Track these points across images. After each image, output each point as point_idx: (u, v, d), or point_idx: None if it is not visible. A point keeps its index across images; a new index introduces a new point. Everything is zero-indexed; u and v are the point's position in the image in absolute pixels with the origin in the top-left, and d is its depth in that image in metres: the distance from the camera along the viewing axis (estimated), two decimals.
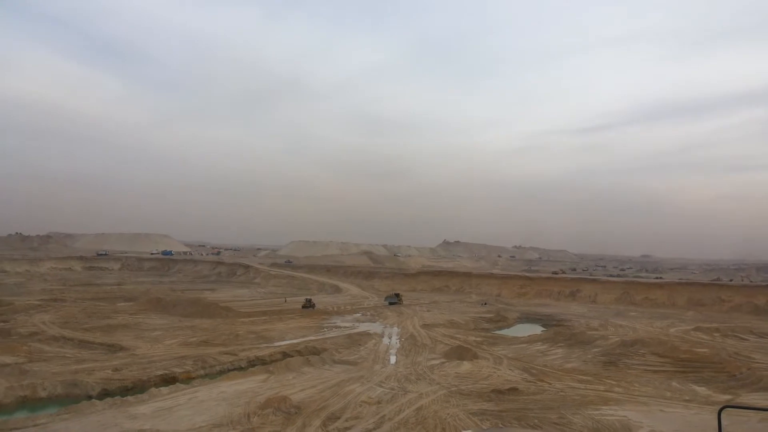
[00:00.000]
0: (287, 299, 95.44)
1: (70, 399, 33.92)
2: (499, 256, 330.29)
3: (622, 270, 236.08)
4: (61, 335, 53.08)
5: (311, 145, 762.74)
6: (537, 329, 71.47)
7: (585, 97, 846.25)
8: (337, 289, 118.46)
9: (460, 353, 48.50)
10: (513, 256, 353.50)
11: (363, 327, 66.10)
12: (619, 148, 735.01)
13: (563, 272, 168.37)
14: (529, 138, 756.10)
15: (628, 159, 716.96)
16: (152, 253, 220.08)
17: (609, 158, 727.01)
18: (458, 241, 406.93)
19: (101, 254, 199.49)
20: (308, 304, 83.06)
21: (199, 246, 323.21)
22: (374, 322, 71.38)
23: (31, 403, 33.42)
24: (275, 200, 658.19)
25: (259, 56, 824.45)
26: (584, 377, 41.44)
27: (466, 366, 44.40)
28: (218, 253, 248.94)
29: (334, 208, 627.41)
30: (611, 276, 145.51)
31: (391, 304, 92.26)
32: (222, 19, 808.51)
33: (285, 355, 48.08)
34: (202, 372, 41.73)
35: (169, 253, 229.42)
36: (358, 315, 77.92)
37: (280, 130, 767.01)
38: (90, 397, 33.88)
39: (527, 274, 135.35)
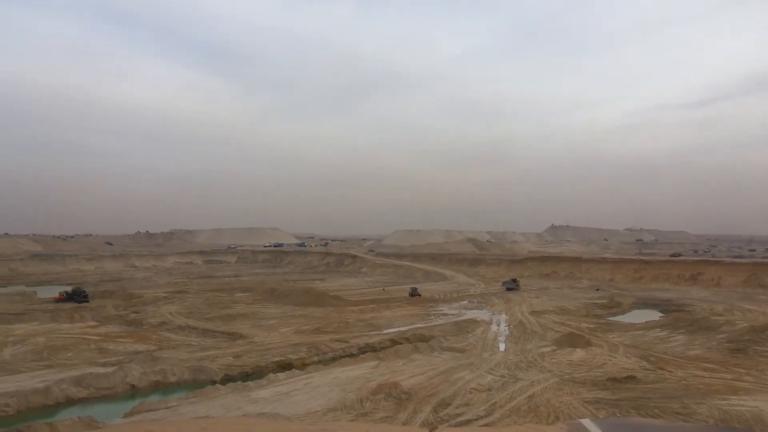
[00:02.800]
0: (385, 288, 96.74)
1: (196, 384, 36.30)
2: (606, 240, 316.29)
3: (751, 250, 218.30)
4: (186, 324, 56.88)
5: (409, 135, 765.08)
6: (655, 315, 68.02)
7: (693, 68, 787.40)
8: (443, 277, 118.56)
9: (572, 340, 47.15)
10: (627, 239, 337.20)
11: (470, 314, 65.79)
12: (736, 121, 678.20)
13: (681, 255, 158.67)
14: (634, 115, 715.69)
15: (747, 131, 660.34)
16: (265, 246, 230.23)
17: (725, 132, 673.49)
18: (567, 225, 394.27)
19: (232, 247, 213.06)
20: (414, 293, 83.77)
21: (308, 237, 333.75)
22: (481, 309, 70.85)
23: (162, 387, 36.10)
24: (378, 191, 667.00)
25: (354, 50, 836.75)
26: (709, 365, 39.02)
27: (579, 353, 43.12)
28: (326, 244, 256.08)
29: (436, 197, 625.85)
30: (737, 257, 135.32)
31: (508, 289, 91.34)
32: (315, 17, 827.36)
33: (394, 342, 48.83)
34: (315, 358, 43.26)
35: (281, 245, 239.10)
36: (465, 302, 77.64)
37: (379, 121, 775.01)
38: (214, 382, 36.09)
39: (643, 258, 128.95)
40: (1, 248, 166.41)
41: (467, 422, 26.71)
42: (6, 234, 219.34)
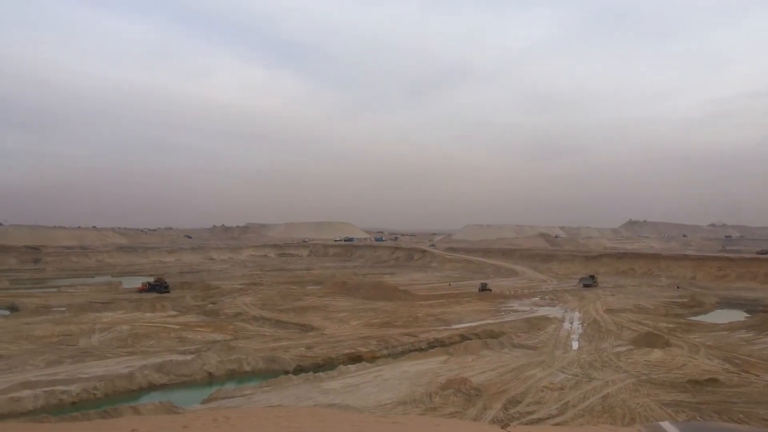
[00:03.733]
0: (451, 283, 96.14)
1: (269, 373, 37.32)
2: (685, 236, 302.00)
3: None
4: (260, 315, 58.53)
5: (480, 128, 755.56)
6: (740, 316, 64.63)
7: None
8: (513, 273, 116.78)
9: (649, 340, 45.44)
10: (711, 236, 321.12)
11: (542, 311, 64.53)
12: None
13: None
14: (719, 104, 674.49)
15: None
16: (336, 240, 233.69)
17: None
18: (645, 221, 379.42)
19: (306, 241, 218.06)
20: (484, 288, 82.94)
21: (378, 232, 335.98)
22: (554, 306, 69.35)
23: (238, 376, 37.32)
24: (448, 185, 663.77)
25: (424, 44, 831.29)
26: None
27: (656, 354, 41.51)
28: (396, 239, 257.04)
29: (506, 191, 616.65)
30: None
31: (586, 286, 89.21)
32: (385, 12, 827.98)
33: (463, 337, 48.56)
34: (385, 352, 43.59)
35: (351, 239, 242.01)
36: (536, 299, 76.21)
37: (450, 115, 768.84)
38: (287, 372, 36.99)
39: (727, 255, 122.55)
40: (90, 241, 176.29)
41: (539, 421, 26.25)
42: (94, 227, 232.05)
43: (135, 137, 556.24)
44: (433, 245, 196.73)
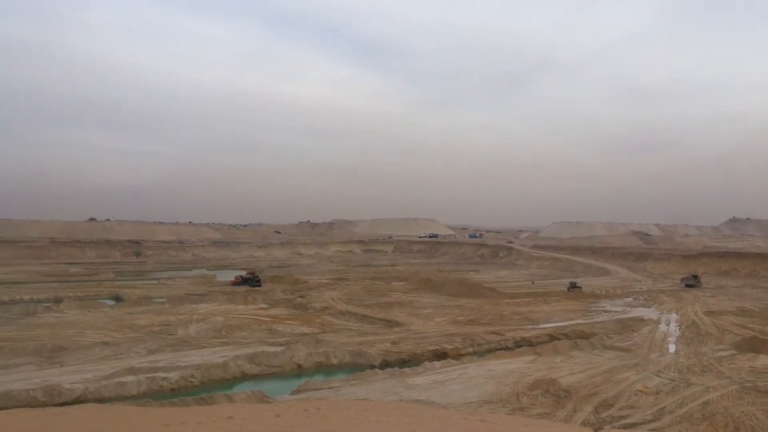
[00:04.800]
0: (535, 281, 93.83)
1: (355, 367, 37.90)
2: None
3: None
4: (346, 310, 59.56)
5: (568, 123, 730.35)
6: None
7: None
8: (605, 272, 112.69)
9: (755, 345, 42.54)
10: None
11: (636, 312, 61.88)
12: None
13: None
14: None
15: None
16: (420, 237, 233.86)
17: None
18: (749, 219, 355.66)
19: (391, 236, 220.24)
20: (573, 287, 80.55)
21: (462, 228, 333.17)
22: (648, 307, 66.30)
23: (325, 368, 38.14)
24: (535, 182, 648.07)
25: (510, 36, 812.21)
26: None
27: (763, 360, 38.84)
28: (480, 236, 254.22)
29: (596, 188, 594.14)
30: None
31: (688, 286, 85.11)
32: (470, 6, 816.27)
33: (551, 337, 47.37)
34: (470, 349, 43.22)
35: (436, 236, 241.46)
36: (629, 299, 73.16)
37: (536, 109, 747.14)
38: (372, 367, 37.42)
39: None
40: (186, 235, 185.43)
41: (632, 426, 25.19)
42: (190, 223, 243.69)
43: (227, 137, 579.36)
44: (510, 242, 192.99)
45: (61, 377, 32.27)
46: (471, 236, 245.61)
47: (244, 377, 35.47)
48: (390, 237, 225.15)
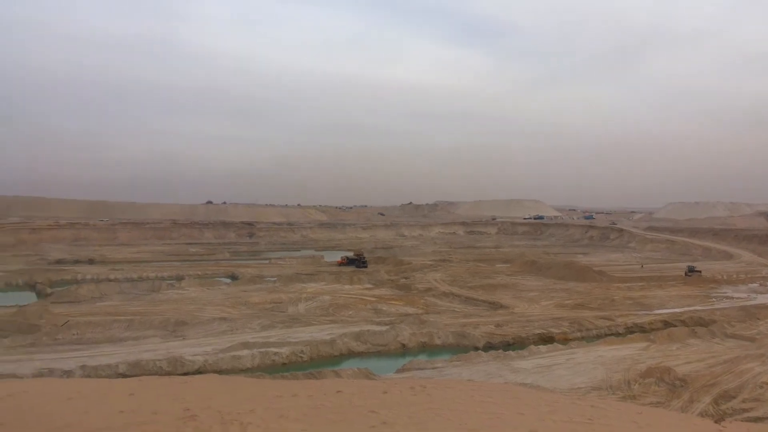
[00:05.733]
0: (643, 265, 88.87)
1: (459, 348, 37.99)
2: None
3: None
4: (450, 292, 59.62)
5: (683, 97, 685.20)
6: None
7: None
8: (727, 255, 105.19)
9: None
10: None
11: (762, 299, 57.53)
12: None
13: None
14: None
15: None
16: (525, 218, 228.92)
17: None
18: None
19: (495, 218, 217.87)
20: (692, 271, 75.92)
21: (570, 210, 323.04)
22: None
23: (428, 349, 38.53)
24: (648, 160, 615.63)
25: (623, 8, 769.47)
26: None
27: None
28: (591, 217, 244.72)
29: (716, 165, 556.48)
30: None
31: None
32: None
33: (666, 324, 45.09)
34: (578, 334, 42.05)
35: (541, 217, 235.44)
36: (755, 285, 68.02)
37: (648, 84, 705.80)
38: (476, 349, 37.36)
39: None
40: (295, 217, 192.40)
41: (758, 420, 23.58)
42: (298, 205, 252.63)
43: (332, 121, 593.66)
44: (614, 223, 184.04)
45: (183, 349, 34.76)
46: (587, 217, 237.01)
47: (351, 354, 36.57)
48: (493, 218, 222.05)
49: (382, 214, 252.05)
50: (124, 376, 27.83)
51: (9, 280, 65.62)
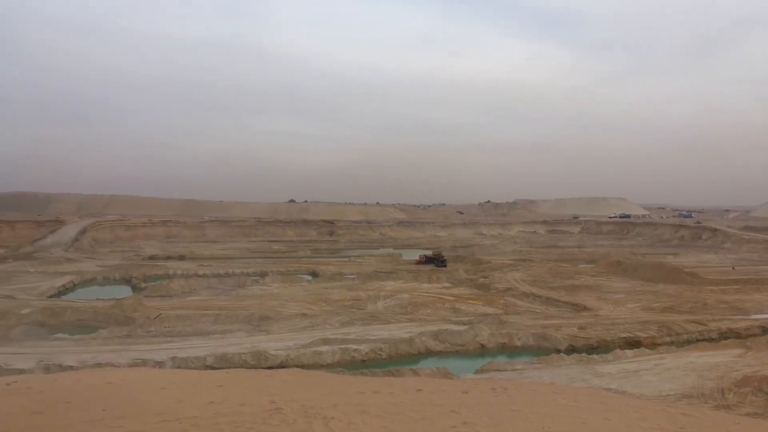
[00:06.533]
0: (735, 267, 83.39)
1: (540, 350, 37.18)
2: None
3: None
4: (530, 292, 58.49)
5: None
6: None
7: None
8: None
9: None
10: None
11: None
12: None
13: None
14: None
15: None
16: (610, 217, 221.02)
17: None
18: None
19: (577, 217, 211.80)
20: None
21: (659, 208, 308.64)
22: None
23: (508, 350, 37.95)
24: (746, 154, 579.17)
25: None
26: None
27: None
28: (690, 216, 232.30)
29: None
30: None
31: None
32: None
33: (765, 330, 42.43)
34: (667, 339, 40.23)
35: (628, 216, 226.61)
36: None
37: (744, 71, 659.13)
38: (558, 351, 36.43)
39: None
40: (374, 216, 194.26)
41: None
42: (377, 203, 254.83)
43: (409, 119, 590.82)
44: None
45: (267, 344, 35.86)
46: (685, 216, 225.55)
47: (428, 353, 36.57)
48: (576, 217, 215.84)
49: (461, 213, 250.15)
50: (211, 368, 29.04)
51: (107, 275, 70.04)
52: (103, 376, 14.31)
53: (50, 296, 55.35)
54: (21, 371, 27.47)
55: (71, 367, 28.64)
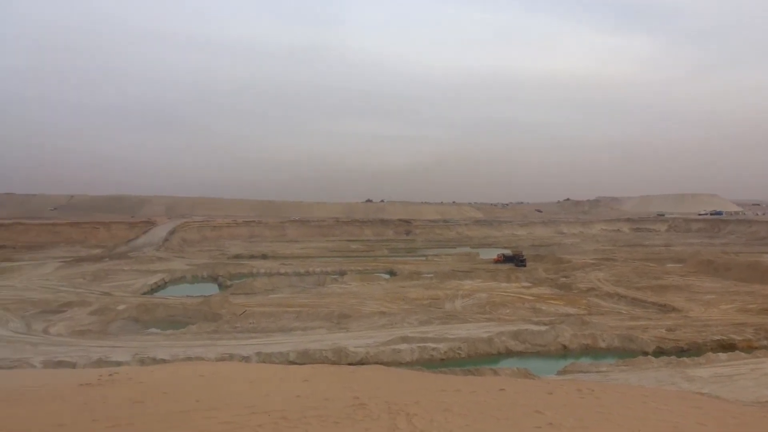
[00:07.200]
0: None
1: (625, 352, 35.86)
2: None
3: None
4: (614, 292, 56.55)
5: None
6: None
7: None
8: None
9: None
10: None
11: None
12: None
13: None
14: None
15: None
16: (700, 214, 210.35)
17: None
18: None
19: (664, 214, 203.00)
20: None
21: (754, 204, 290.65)
22: None
23: (592, 351, 36.82)
24: None
25: None
26: None
27: None
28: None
29: None
30: None
31: None
32: None
33: None
34: (765, 342, 37.89)
35: (719, 213, 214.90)
36: None
37: None
38: (645, 353, 35.01)
39: None
40: (451, 214, 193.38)
41: None
42: (454, 202, 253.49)
43: (485, 117, 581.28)
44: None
45: (347, 341, 36.44)
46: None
47: (508, 353, 36.05)
48: (662, 215, 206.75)
49: (540, 211, 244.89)
50: (294, 363, 29.82)
51: (195, 273, 73.27)
52: (195, 369, 15.03)
53: (143, 293, 58.48)
54: (119, 363, 29.20)
55: (164, 360, 30.20)
